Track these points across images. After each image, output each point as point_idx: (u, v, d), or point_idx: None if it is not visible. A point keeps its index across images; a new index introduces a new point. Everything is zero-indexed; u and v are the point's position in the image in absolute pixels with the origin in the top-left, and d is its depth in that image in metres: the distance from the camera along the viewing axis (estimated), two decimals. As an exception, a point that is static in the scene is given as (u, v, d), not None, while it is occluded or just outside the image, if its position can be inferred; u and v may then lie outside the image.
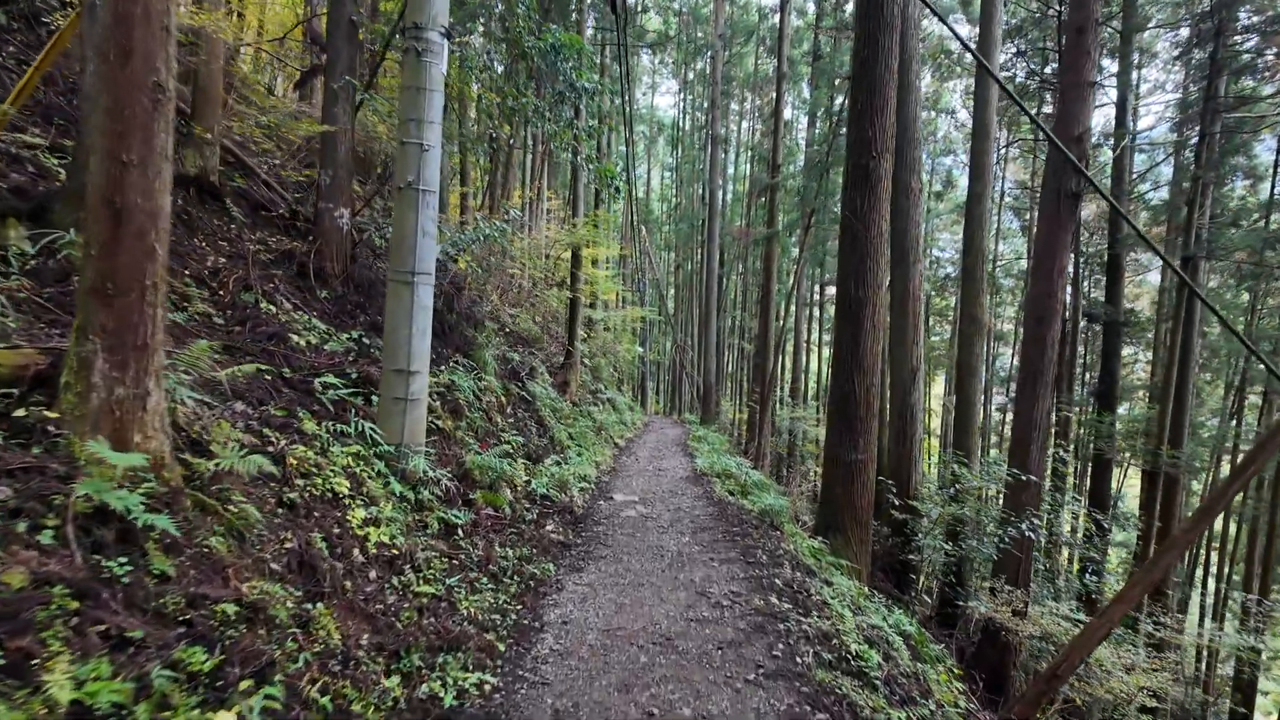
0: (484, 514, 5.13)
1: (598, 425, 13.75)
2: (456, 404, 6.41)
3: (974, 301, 11.85)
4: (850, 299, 7.04)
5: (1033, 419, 8.67)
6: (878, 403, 7.23)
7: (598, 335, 23.87)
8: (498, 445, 6.88)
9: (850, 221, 7.04)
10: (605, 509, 7.20)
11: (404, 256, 4.59)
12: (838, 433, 7.20)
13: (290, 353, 5.20)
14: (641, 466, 10.98)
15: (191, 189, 6.72)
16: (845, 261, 7.13)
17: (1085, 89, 8.37)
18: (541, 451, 8.37)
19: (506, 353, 10.71)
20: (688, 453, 13.68)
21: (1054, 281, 8.49)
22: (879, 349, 7.13)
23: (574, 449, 9.81)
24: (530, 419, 9.32)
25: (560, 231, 14.54)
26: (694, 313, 33.59)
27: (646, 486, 8.97)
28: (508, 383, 9.37)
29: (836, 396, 7.27)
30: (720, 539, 6.11)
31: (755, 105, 34.22)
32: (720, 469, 10.18)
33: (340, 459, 4.01)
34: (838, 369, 7.25)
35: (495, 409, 7.97)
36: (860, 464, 7.10)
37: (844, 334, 7.14)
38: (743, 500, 8.47)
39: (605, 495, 8.02)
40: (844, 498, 7.15)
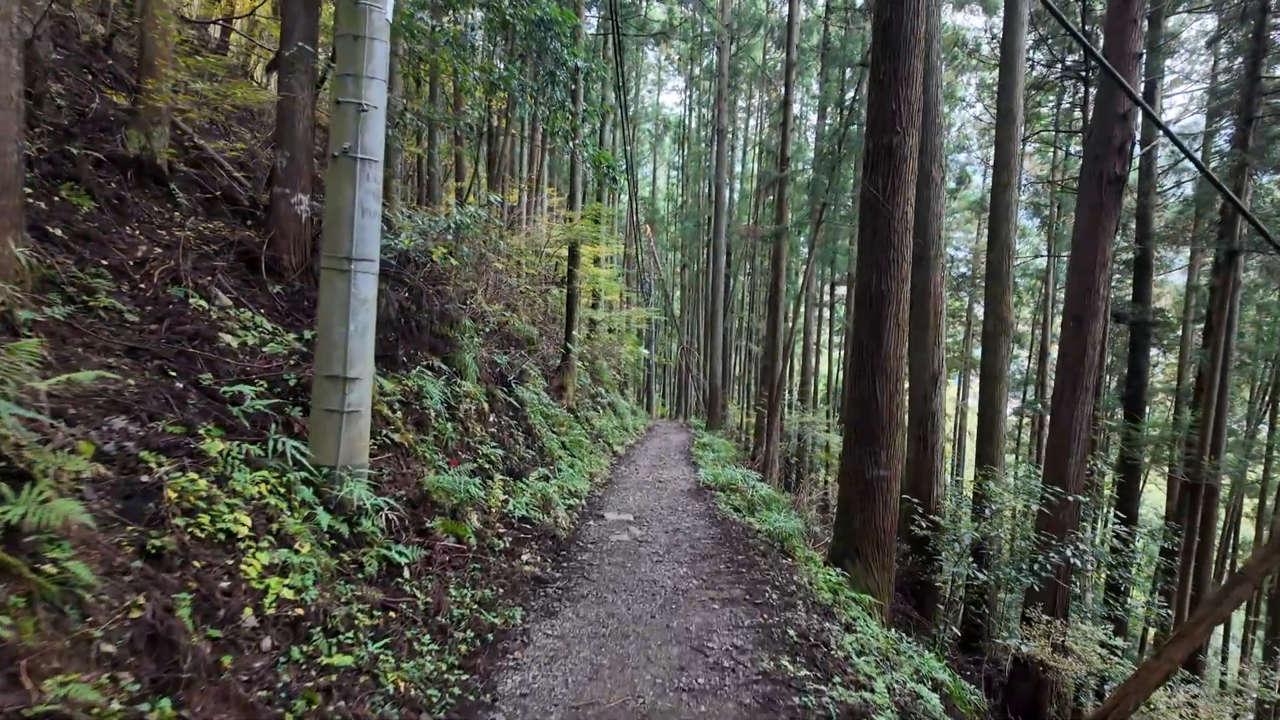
0: (442, 546, 4.34)
1: (595, 432, 12.96)
2: (422, 414, 5.63)
3: (999, 300, 10.98)
4: (870, 294, 6.21)
5: (1071, 428, 7.80)
6: (902, 411, 6.40)
7: (600, 336, 23.09)
8: (471, 461, 6.09)
9: (870, 207, 6.21)
10: (594, 531, 6.39)
11: (339, 239, 3.81)
12: (857, 445, 6.36)
13: (216, 356, 4.43)
14: (640, 478, 10.17)
15: (130, 171, 5.99)
16: (865, 252, 6.30)
17: (1130, 61, 7.51)
18: (527, 465, 7.58)
19: (495, 355, 9.93)
20: (691, 461, 12.86)
21: (1095, 276, 7.63)
22: (903, 350, 6.30)
23: (566, 460, 9.02)
24: (517, 428, 8.54)
25: (556, 225, 13.75)
26: (700, 314, 32.77)
27: (643, 502, 8.15)
28: (493, 388, 8.59)
29: (855, 404, 6.43)
30: (723, 570, 5.29)
31: (763, 102, 33.38)
32: (725, 481, 9.35)
33: (247, 488, 3.22)
34: (856, 373, 6.42)
35: (474, 418, 7.18)
36: (883, 481, 6.27)
37: (863, 333, 6.31)
38: (749, 519, 7.65)
39: (596, 513, 7.22)
40: (864, 519, 6.31)
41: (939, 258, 10.16)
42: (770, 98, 30.65)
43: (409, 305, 6.32)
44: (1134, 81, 7.49)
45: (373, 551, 3.72)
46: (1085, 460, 7.90)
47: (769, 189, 19.05)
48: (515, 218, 13.46)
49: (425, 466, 5.11)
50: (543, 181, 17.89)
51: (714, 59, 30.19)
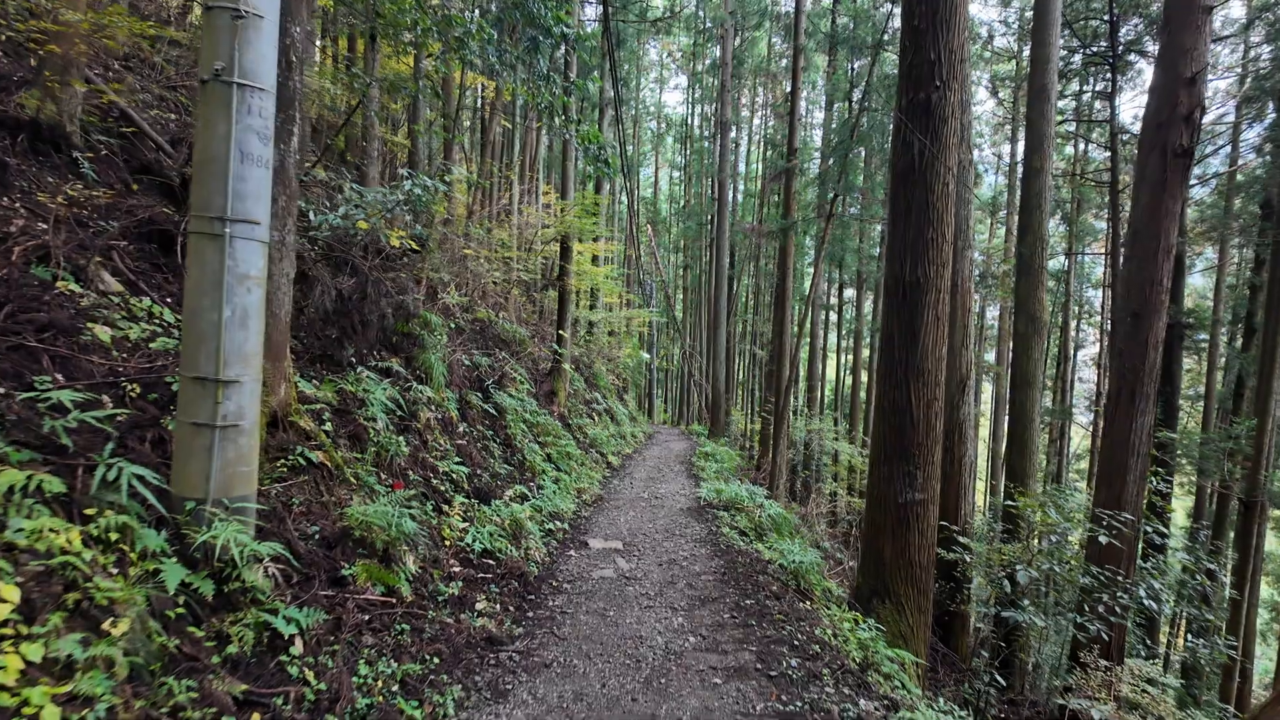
0: (360, 602, 3.33)
1: (589, 441, 11.94)
2: (358, 427, 4.62)
3: (1031, 297, 9.94)
4: (903, 282, 5.19)
5: (1130, 442, 6.76)
6: (942, 421, 5.37)
7: (598, 339, 22.10)
8: (422, 482, 5.08)
9: (904, 178, 5.20)
10: (574, 565, 5.36)
11: (208, 193, 2.81)
12: (886, 463, 5.33)
13: (75, 352, 3.44)
14: (635, 493, 9.15)
15: (22, 136, 5.03)
16: (897, 232, 5.28)
17: (1199, 16, 6.50)
18: (501, 483, 6.56)
19: (475, 357, 8.94)
20: (692, 473, 11.83)
21: (1157, 265, 6.60)
22: (943, 349, 5.27)
23: (550, 475, 8.00)
24: (494, 439, 7.53)
25: (542, 214, 12.76)
26: (702, 317, 31.76)
27: (636, 524, 7.13)
28: (466, 394, 7.59)
29: (884, 414, 5.41)
30: (728, 620, 4.27)
31: (767, 100, 32.45)
32: (729, 498, 8.32)
33: (40, 539, 2.22)
34: (886, 377, 5.40)
35: (439, 429, 6.17)
36: (919, 506, 5.23)
37: (894, 329, 5.29)
38: (757, 545, 6.61)
39: (579, 540, 6.19)
40: (896, 551, 5.28)
41: (967, 249, 9.13)
42: (775, 95, 29.73)
43: (352, 295, 5.32)
44: (1205, 37, 6.48)
45: (248, 618, 2.71)
46: (1146, 479, 6.85)
47: (776, 179, 18.05)
48: (502, 209, 12.48)
49: (356, 492, 4.10)
50: (538, 174, 16.92)
51: (717, 54, 29.30)
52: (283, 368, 3.89)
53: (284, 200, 3.80)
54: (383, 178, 11.58)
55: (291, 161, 3.83)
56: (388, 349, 6.43)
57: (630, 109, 31.56)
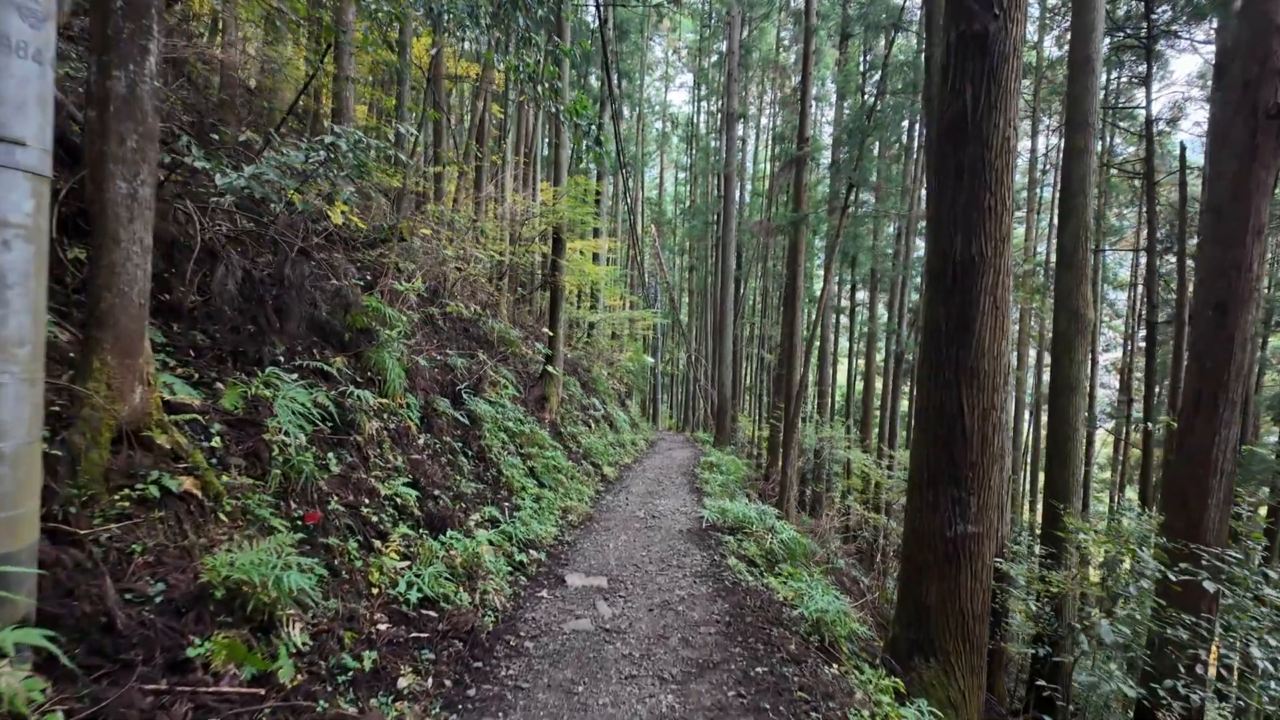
0: (207, 697, 2.33)
1: (582, 451, 10.93)
2: (259, 443, 3.62)
3: (1074, 292, 8.87)
4: (953, 262, 4.17)
5: (1210, 459, 5.69)
6: (1000, 435, 4.32)
7: (597, 341, 21.11)
8: (346, 511, 4.07)
9: (951, 136, 4.18)
10: (543, 613, 4.34)
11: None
12: (931, 486, 4.29)
13: None
14: (630, 512, 8.12)
15: None
16: (945, 201, 4.25)
17: (1296, -49, 5.47)
18: (464, 506, 5.55)
19: (451, 357, 7.96)
20: (695, 486, 10.80)
21: (1247, 248, 5.54)
22: (1003, 345, 4.24)
23: (531, 493, 6.99)
24: (464, 452, 6.53)
25: (529, 203, 11.78)
26: (708, 320, 30.75)
27: (627, 551, 6.10)
28: (434, 399, 6.61)
29: (928, 424, 4.37)
30: (733, 701, 3.23)
31: (775, 98, 31.44)
32: (735, 519, 7.28)
33: None
34: (930, 378, 4.36)
35: (389, 441, 5.18)
36: (971, 541, 4.19)
37: (941, 320, 4.26)
38: (769, 580, 5.58)
39: (555, 576, 5.17)
40: (943, 597, 4.23)
41: (1004, 237, 8.06)
42: (783, 89, 28.74)
43: (267, 278, 4.34)
44: (1307, -25, 5.44)
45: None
46: (1231, 504, 5.78)
47: (786, 168, 17.03)
48: (487, 196, 11.52)
49: (240, 530, 3.10)
50: (535, 167, 15.98)
51: (723, 48, 28.35)
52: (136, 366, 2.91)
53: (135, 140, 2.83)
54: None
55: (147, 90, 2.86)
56: (333, 347, 5.46)
57: (635, 107, 30.64)
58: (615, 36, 23.50)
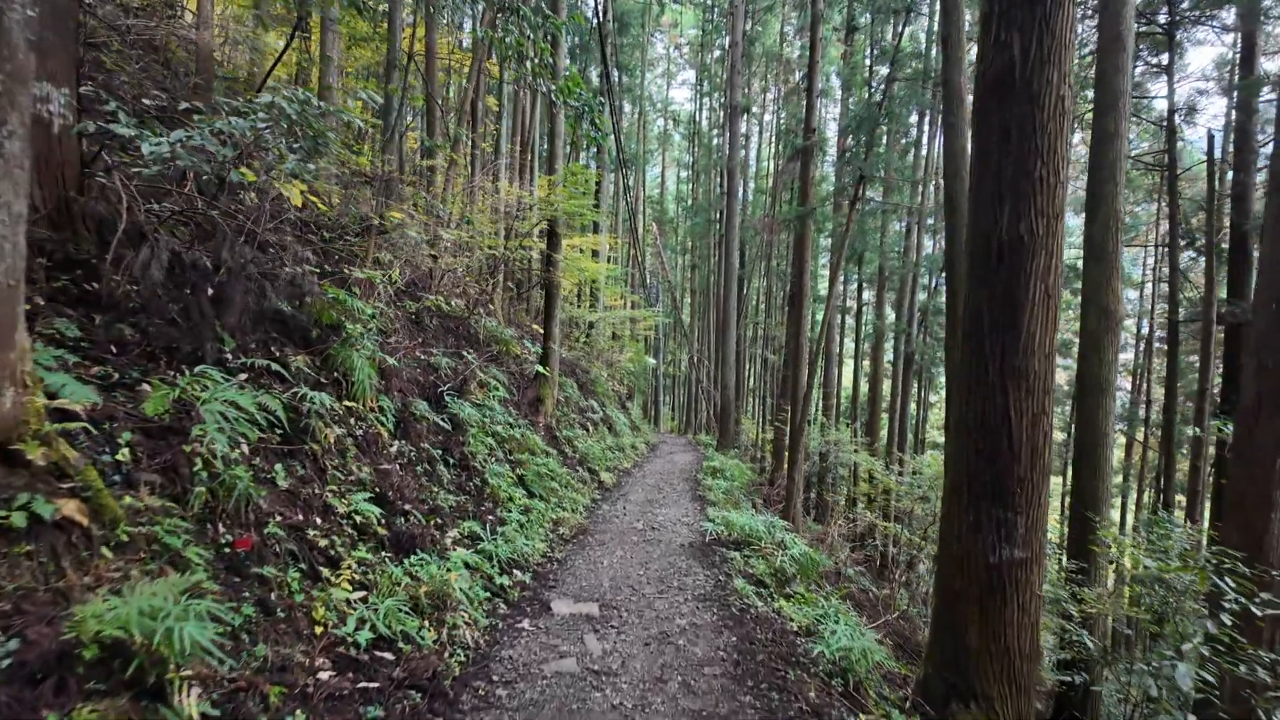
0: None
1: (579, 456, 10.35)
2: (177, 457, 3.05)
3: (1104, 288, 8.25)
4: (999, 242, 3.58)
5: (1275, 465, 5.10)
6: (1050, 445, 3.73)
7: (596, 341, 20.55)
8: (307, 531, 3.50)
9: (997, 91, 3.60)
10: (521, 650, 3.76)
11: None
12: (973, 506, 3.71)
13: None
14: (628, 522, 7.55)
15: None
16: (989, 170, 3.67)
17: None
18: (440, 522, 4.97)
19: (435, 356, 7.40)
20: (697, 494, 10.22)
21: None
22: (1052, 338, 3.65)
23: (519, 504, 6.42)
24: (445, 461, 5.96)
25: (522, 192, 11.20)
26: (710, 320, 30.15)
27: (622, 570, 5.52)
28: (411, 402, 6.04)
29: (966, 434, 3.77)
30: (744, 769, 2.67)
31: (778, 95, 30.85)
32: (741, 531, 6.70)
33: None
34: (970, 380, 3.77)
35: (354, 449, 4.61)
36: (1019, 569, 3.60)
37: (985, 311, 3.67)
38: (781, 604, 4.99)
39: (539, 601, 4.59)
40: (986, 635, 3.64)
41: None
42: (787, 83, 28.17)
43: (202, 263, 3.77)
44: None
45: None
46: (1299, 518, 5.17)
47: (793, 159, 16.45)
48: (477, 187, 10.94)
49: (141, 564, 2.53)
50: (532, 159, 15.42)
51: (726, 43, 27.80)
52: (6, 362, 2.35)
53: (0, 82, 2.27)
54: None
55: (16, 20, 2.30)
56: (295, 343, 4.89)
57: (636, 103, 30.08)
58: (616, 30, 22.97)
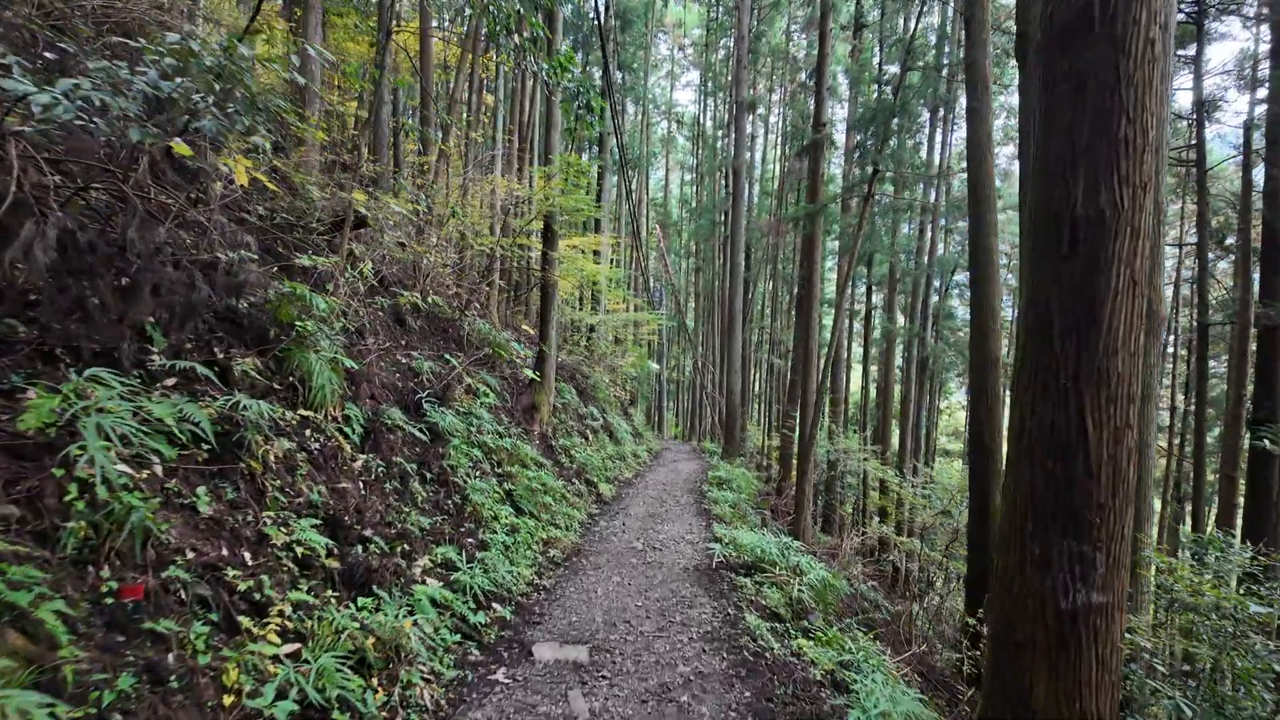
0: None
1: (576, 467, 9.71)
2: (45, 484, 2.42)
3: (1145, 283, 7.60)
4: (1072, 219, 2.93)
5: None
6: (1136, 464, 3.07)
7: (597, 345, 19.93)
8: (227, 569, 2.86)
9: (1071, 37, 2.97)
10: (488, 714, 3.11)
11: None
12: (1038, 536, 3.04)
13: None
14: (626, 541, 6.90)
15: None
16: (1056, 133, 3.02)
17: None
18: (407, 548, 4.33)
19: (416, 359, 6.78)
20: (702, 508, 9.56)
21: None
22: (1139, 338, 3.00)
23: (505, 524, 5.77)
24: (420, 476, 5.32)
25: (513, 183, 10.58)
26: (715, 324, 29.50)
27: (618, 601, 4.87)
28: (385, 410, 5.41)
29: (1031, 451, 3.11)
30: None
31: (784, 96, 30.26)
32: (752, 553, 6.04)
33: None
34: (1035, 386, 3.11)
35: (304, 467, 3.98)
36: (1097, 615, 2.94)
37: (1054, 304, 3.02)
38: (802, 645, 4.33)
39: (519, 644, 3.94)
40: (1057, 695, 2.97)
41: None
42: (793, 83, 27.58)
43: (104, 244, 3.15)
44: None
45: None
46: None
47: (799, 161, 15.84)
48: (468, 180, 10.34)
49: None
50: (529, 152, 14.83)
51: (731, 45, 27.28)
52: None
53: None
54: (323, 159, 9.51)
55: None
56: (245, 344, 4.28)
57: (639, 103, 29.54)
58: (618, 27, 22.44)
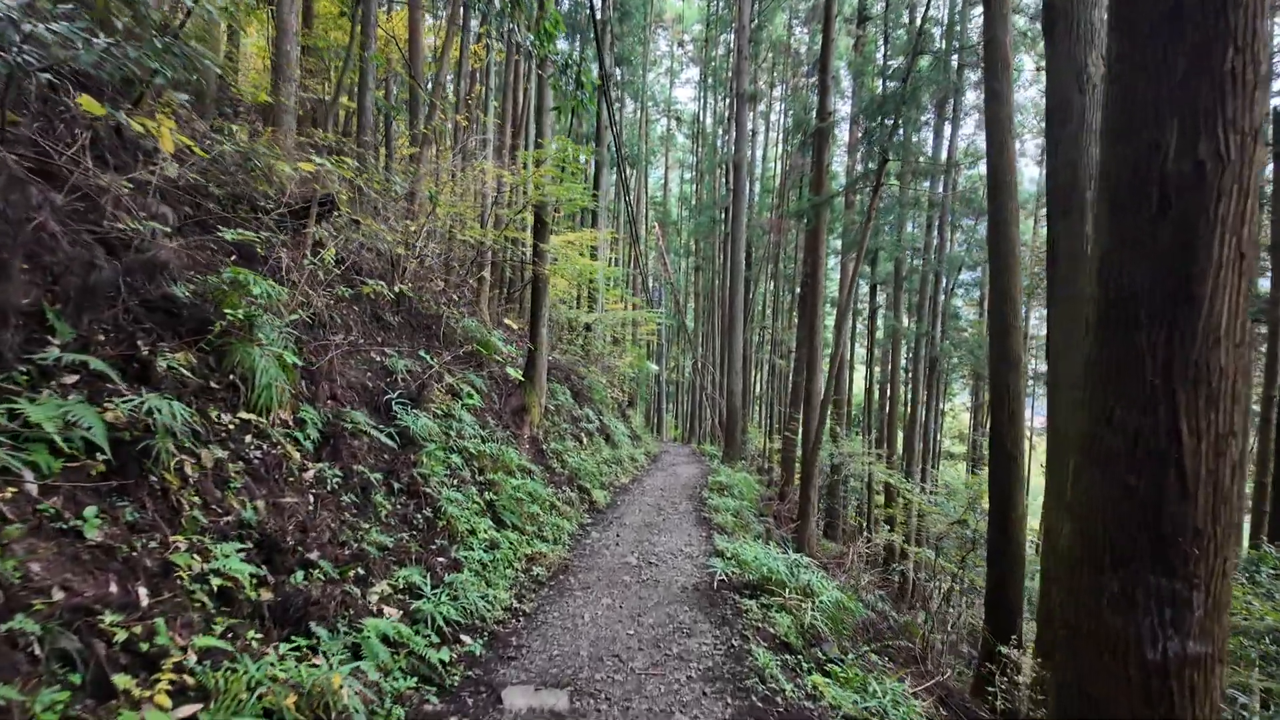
0: None
1: (568, 473, 9.13)
2: None
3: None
4: (1160, 174, 2.37)
5: None
6: (1239, 482, 2.50)
7: (593, 344, 19.36)
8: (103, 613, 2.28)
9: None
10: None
11: None
12: (1116, 570, 2.46)
13: None
14: (618, 556, 6.32)
15: None
16: (1136, 71, 2.45)
17: None
18: (365, 572, 3.75)
19: (390, 358, 6.21)
20: (702, 516, 8.98)
21: None
22: (1245, 323, 2.43)
23: (483, 539, 5.20)
24: (386, 487, 4.75)
25: (494, 168, 10.01)
26: (715, 323, 28.92)
27: (607, 630, 4.29)
28: (347, 413, 4.84)
29: (1105, 463, 2.54)
30: None
31: (784, 92, 29.72)
32: (758, 571, 5.45)
33: None
34: (1105, 384, 2.54)
35: (237, 480, 3.41)
36: (1193, 669, 2.36)
37: (1140, 284, 2.44)
38: (818, 684, 3.75)
39: (484, 689, 3.36)
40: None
41: (1100, 203, 6.27)
42: (795, 76, 27.06)
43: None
44: None
45: None
46: None
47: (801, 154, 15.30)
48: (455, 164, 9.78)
49: None
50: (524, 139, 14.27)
51: (731, 41, 26.75)
52: None
53: None
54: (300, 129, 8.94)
55: None
56: (179, 336, 3.71)
57: (637, 99, 28.99)
58: (617, 18, 21.88)
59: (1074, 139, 5.86)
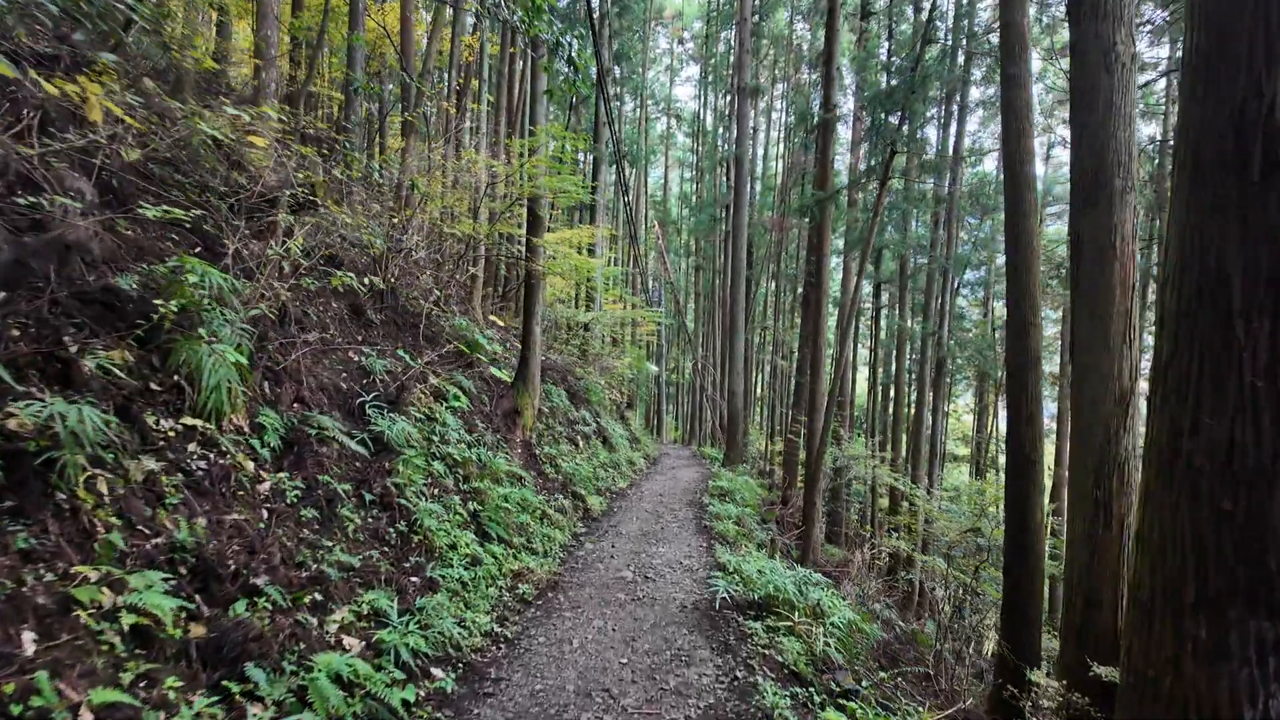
0: None
1: (562, 479, 8.71)
2: None
3: None
4: (1263, 134, 1.94)
5: None
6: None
7: (591, 345, 18.93)
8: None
9: None
10: None
11: None
12: (1206, 612, 2.04)
13: None
14: (613, 571, 5.89)
15: None
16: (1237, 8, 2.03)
17: None
18: (313, 601, 3.34)
19: (366, 357, 5.79)
20: (702, 524, 8.56)
21: None
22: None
23: (464, 555, 4.77)
24: (356, 499, 4.33)
25: (484, 157, 9.59)
26: (715, 323, 28.50)
27: (597, 659, 3.87)
28: (314, 418, 4.42)
29: (1188, 481, 2.11)
30: None
31: (785, 90, 29.31)
32: (764, 588, 5.03)
33: None
34: (1186, 389, 2.12)
35: (173, 494, 2.99)
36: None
37: (1224, 263, 2.02)
38: (829, 717, 3.33)
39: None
40: None
41: (1129, 192, 5.82)
42: (796, 72, 26.65)
43: None
44: None
45: None
46: None
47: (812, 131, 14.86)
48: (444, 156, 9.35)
49: None
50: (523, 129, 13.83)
51: (732, 37, 26.37)
52: None
53: None
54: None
55: None
56: (117, 331, 3.29)
57: (636, 96, 28.59)
58: (616, 13, 21.48)
59: (1101, 124, 5.46)
